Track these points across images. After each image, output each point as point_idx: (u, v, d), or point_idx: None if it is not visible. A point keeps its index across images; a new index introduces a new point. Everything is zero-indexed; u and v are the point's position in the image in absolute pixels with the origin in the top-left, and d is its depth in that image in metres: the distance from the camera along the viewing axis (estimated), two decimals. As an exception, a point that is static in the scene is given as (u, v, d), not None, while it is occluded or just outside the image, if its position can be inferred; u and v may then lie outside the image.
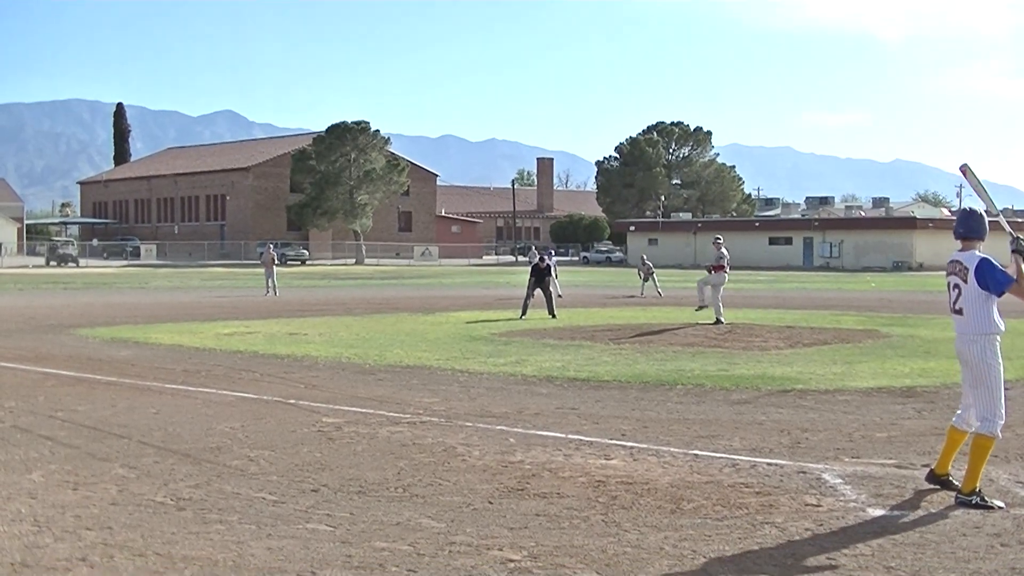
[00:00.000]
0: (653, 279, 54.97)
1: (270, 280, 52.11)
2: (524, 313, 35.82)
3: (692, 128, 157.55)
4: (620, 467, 12.02)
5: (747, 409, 16.34)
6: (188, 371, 21.24)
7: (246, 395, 17.78)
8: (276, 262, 51.86)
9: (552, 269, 46.07)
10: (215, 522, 9.62)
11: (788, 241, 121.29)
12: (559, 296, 44.26)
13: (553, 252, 50.81)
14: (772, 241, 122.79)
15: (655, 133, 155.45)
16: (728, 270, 33.48)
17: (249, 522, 9.62)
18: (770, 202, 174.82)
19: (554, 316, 35.22)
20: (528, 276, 37.50)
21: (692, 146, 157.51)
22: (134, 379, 19.83)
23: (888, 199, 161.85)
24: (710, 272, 33.20)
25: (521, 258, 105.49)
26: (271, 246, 53.48)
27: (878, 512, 10.05)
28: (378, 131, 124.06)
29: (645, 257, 58.17)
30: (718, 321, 31.68)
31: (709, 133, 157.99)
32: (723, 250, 33.17)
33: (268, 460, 12.39)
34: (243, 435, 13.99)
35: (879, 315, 37.77)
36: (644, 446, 13.21)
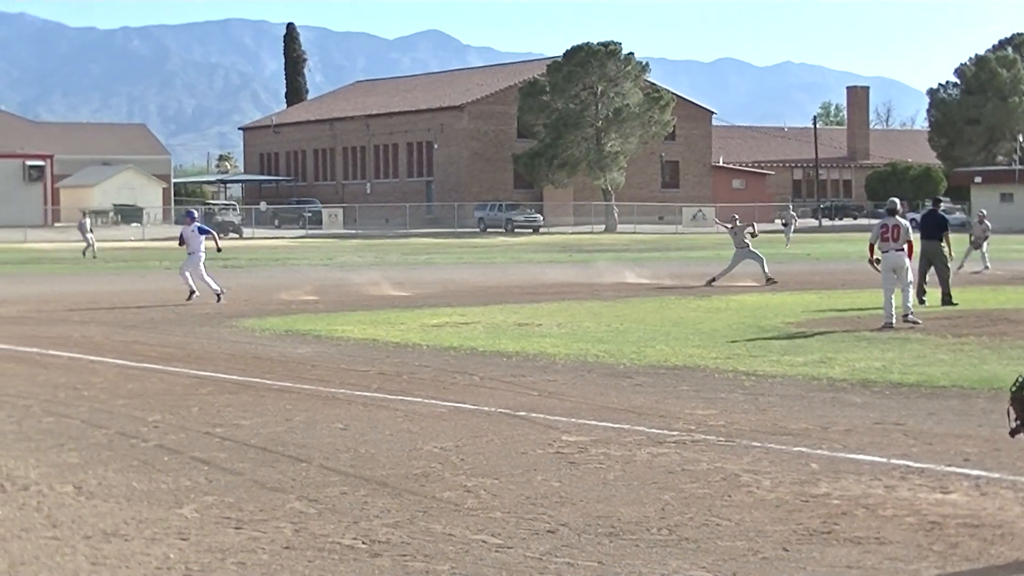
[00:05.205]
0: (983, 247, 53.26)
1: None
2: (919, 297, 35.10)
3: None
4: (962, 504, 11.87)
5: None
6: (385, 374, 21.63)
7: (461, 405, 18.04)
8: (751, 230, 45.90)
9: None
10: (420, 572, 9.78)
11: None
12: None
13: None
14: None
15: (1010, 49, 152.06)
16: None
17: (465, 572, 9.76)
18: None
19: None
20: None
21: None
22: (315, 384, 20.29)
23: None
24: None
25: (825, 221, 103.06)
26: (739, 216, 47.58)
27: None
28: (632, 55, 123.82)
29: (984, 215, 55.37)
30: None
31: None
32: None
33: (490, 491, 12.55)
34: (457, 458, 14.19)
35: None
36: (995, 476, 13.03)
